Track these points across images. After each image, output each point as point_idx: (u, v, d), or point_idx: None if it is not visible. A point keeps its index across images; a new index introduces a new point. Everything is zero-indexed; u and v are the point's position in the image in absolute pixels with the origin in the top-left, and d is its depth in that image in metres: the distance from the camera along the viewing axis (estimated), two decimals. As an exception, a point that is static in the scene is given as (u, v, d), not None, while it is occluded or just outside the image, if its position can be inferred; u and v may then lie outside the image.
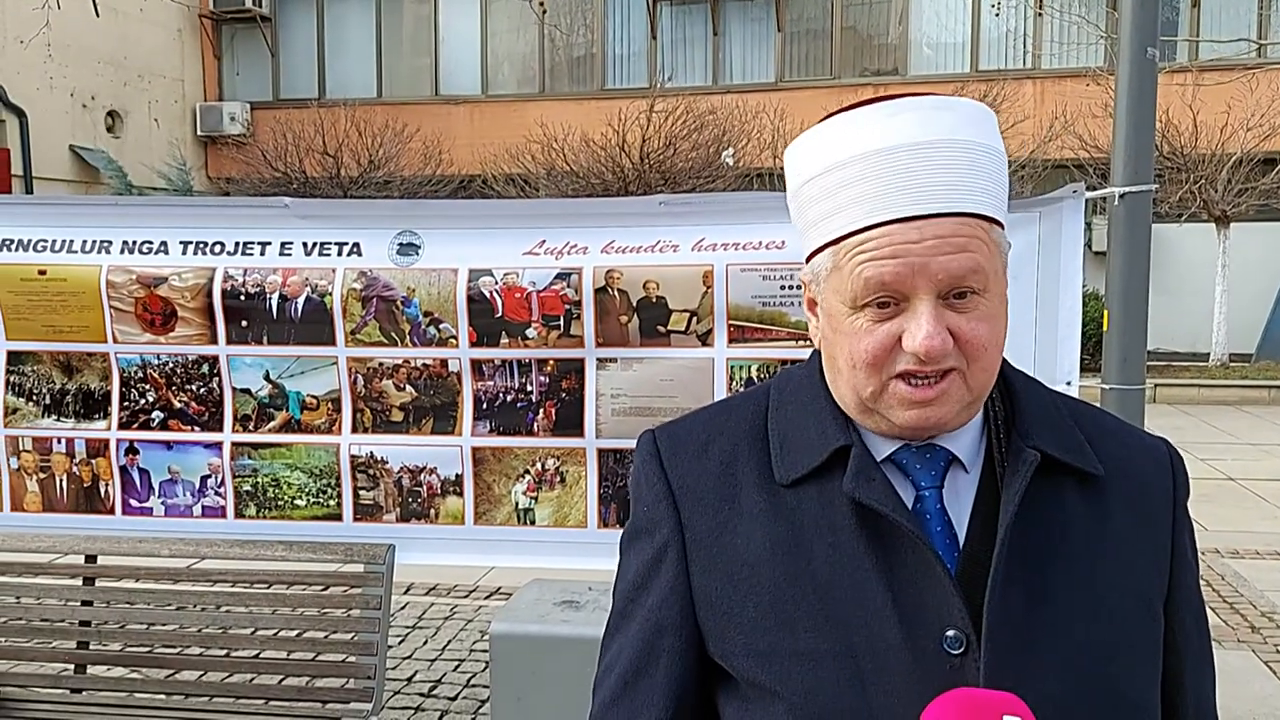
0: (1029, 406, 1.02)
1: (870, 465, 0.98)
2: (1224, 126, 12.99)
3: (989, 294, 0.94)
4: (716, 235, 2.89)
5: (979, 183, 0.94)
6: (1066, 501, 0.99)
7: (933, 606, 0.93)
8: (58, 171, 15.04)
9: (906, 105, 0.96)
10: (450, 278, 2.97)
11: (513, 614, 2.96)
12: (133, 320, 3.09)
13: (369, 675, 2.92)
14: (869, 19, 16.85)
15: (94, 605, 3.16)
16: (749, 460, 1.04)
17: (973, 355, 0.93)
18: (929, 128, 0.94)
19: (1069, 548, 0.98)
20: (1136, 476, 1.04)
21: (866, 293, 0.93)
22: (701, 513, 1.03)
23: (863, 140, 0.95)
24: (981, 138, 0.95)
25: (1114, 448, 1.04)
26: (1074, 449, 1.01)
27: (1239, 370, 13.82)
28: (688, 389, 2.92)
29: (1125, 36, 2.77)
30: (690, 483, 1.05)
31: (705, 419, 1.10)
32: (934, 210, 0.92)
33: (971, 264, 0.92)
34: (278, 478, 3.12)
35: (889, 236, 0.92)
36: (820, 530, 0.98)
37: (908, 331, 0.92)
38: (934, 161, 0.92)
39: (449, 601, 5.47)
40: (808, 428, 1.02)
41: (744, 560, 1.00)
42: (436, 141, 16.29)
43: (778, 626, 0.97)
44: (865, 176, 0.93)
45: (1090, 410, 1.09)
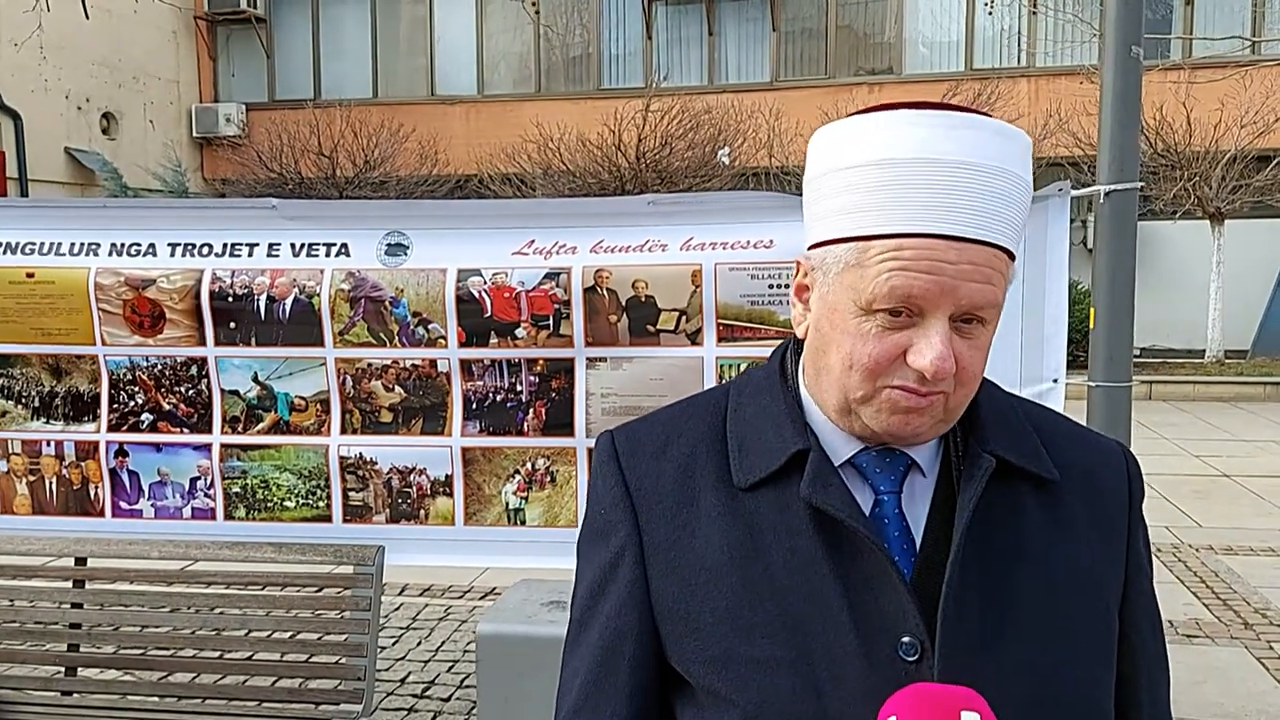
0: (987, 412, 1.02)
1: (828, 470, 0.97)
2: (1218, 124, 13.00)
3: (989, 325, 0.94)
4: (705, 234, 2.89)
5: (1014, 217, 0.93)
6: (1023, 506, 0.99)
7: (888, 613, 0.93)
8: (53, 174, 15.03)
9: (970, 122, 0.93)
10: (439, 278, 2.97)
11: (500, 614, 2.96)
12: (121, 322, 3.09)
13: (359, 677, 2.92)
14: (864, 18, 16.86)
15: (85, 608, 3.16)
16: (707, 463, 1.02)
17: (962, 380, 0.93)
18: (987, 151, 0.92)
19: (1025, 553, 0.97)
20: (1093, 481, 1.04)
21: (889, 300, 0.90)
22: (659, 516, 1.01)
23: (919, 144, 0.91)
24: (1025, 173, 0.95)
25: (1071, 452, 1.04)
26: (1030, 454, 1.01)
27: (1234, 367, 13.83)
28: (677, 388, 2.92)
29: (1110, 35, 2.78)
30: (648, 485, 1.03)
31: (665, 420, 1.09)
32: (977, 236, 0.91)
33: (992, 297, 0.92)
34: (267, 479, 3.12)
35: (929, 250, 0.90)
36: (778, 535, 0.97)
37: (916, 348, 0.90)
38: (986, 187, 0.91)
39: (443, 602, 5.48)
40: (766, 430, 1.01)
41: (701, 565, 0.98)
42: (432, 142, 16.29)
43: (734, 633, 0.96)
44: (914, 183, 0.90)
45: (1047, 415, 1.10)
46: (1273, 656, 4.66)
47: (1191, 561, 6.08)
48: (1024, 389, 2.75)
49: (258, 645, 3.16)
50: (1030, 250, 2.73)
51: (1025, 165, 0.95)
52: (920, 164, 0.90)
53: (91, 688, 3.20)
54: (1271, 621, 5.10)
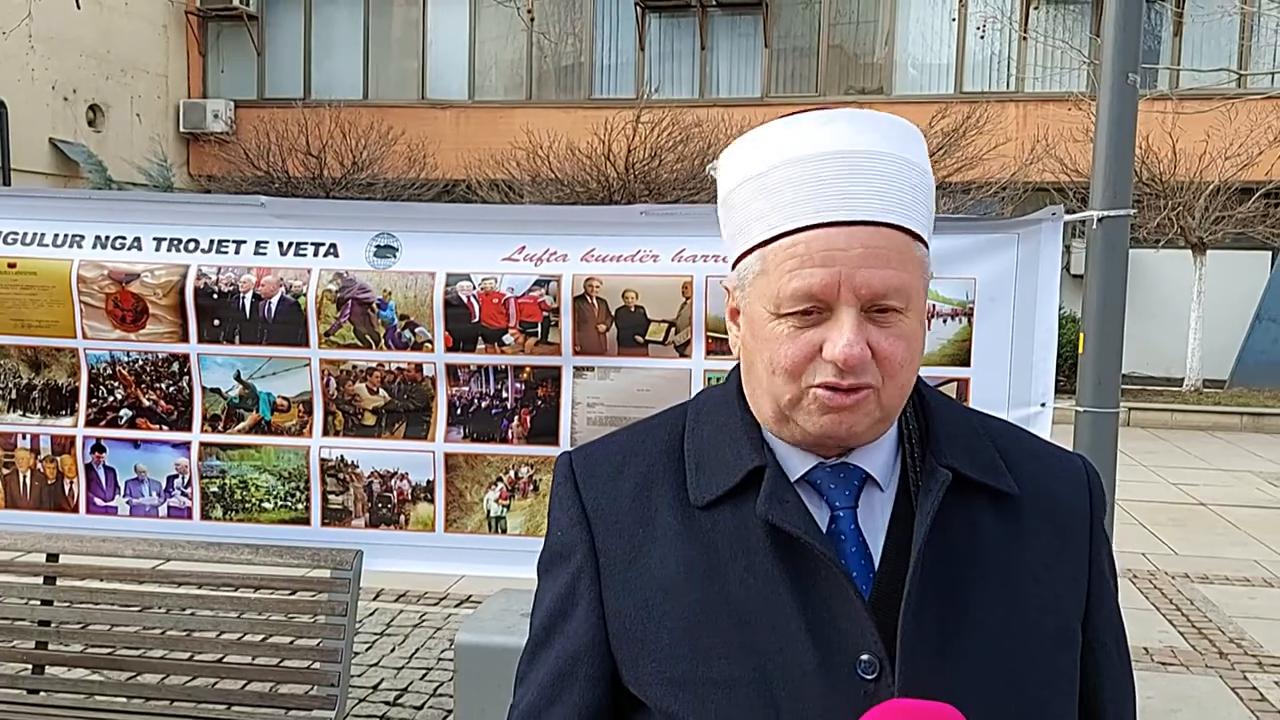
0: (943, 425, 1.01)
1: (784, 487, 0.96)
2: (1203, 154, 13.14)
3: (909, 312, 0.93)
4: (697, 246, 2.88)
5: (907, 197, 0.93)
6: (981, 521, 0.98)
7: (846, 630, 0.92)
8: (37, 164, 14.89)
9: (839, 115, 0.96)
10: (428, 281, 2.94)
11: (479, 624, 2.93)
12: (103, 316, 3.04)
13: (333, 683, 2.88)
14: (855, 38, 16.96)
15: (54, 605, 3.11)
16: (664, 482, 1.01)
17: (888, 372, 0.92)
18: (861, 138, 0.93)
19: (984, 568, 0.96)
20: (1053, 495, 1.03)
21: (793, 300, 0.91)
22: (616, 536, 1.00)
23: (796, 145, 0.94)
24: (911, 155, 0.95)
25: (1030, 466, 1.03)
26: (988, 468, 1.00)
27: (1212, 396, 13.95)
28: (664, 399, 2.88)
29: (1107, 62, 2.79)
30: (605, 505, 1.02)
31: (622, 440, 1.08)
32: (864, 218, 0.91)
33: (895, 281, 0.91)
34: (246, 479, 3.08)
35: (820, 240, 0.91)
36: (735, 553, 0.96)
37: (829, 340, 0.91)
38: (865, 170, 0.92)
39: (418, 609, 5.42)
40: (723, 448, 1.00)
41: (658, 585, 0.97)
42: (421, 145, 16.25)
43: (691, 654, 0.94)
44: (796, 181, 0.93)
45: (1007, 428, 1.09)
46: (1247, 687, 4.68)
47: (1168, 589, 6.10)
48: (1012, 412, 2.74)
49: (229, 648, 3.11)
50: (1022, 274, 2.74)
51: (907, 146, 0.95)
52: (799, 162, 0.93)
53: (59, 687, 3.14)
54: (1247, 651, 5.12)
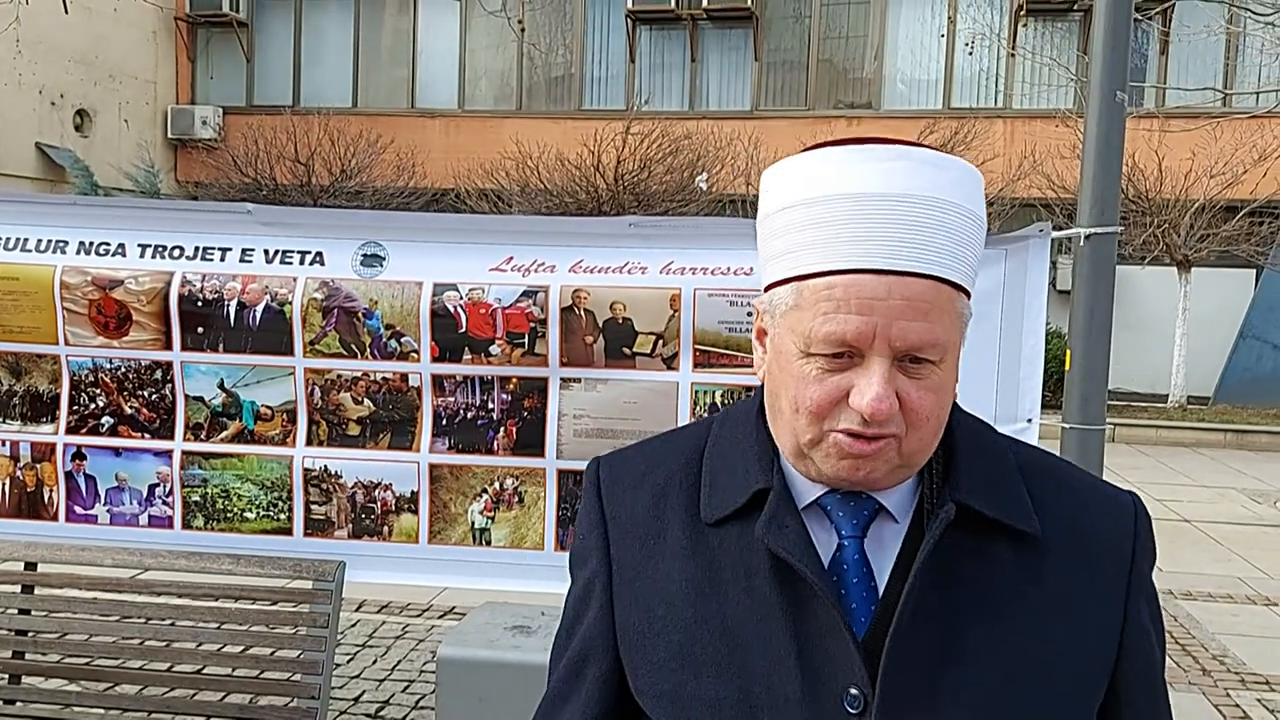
0: (965, 459, 0.97)
1: (786, 511, 0.95)
2: (1188, 172, 13.25)
3: (943, 365, 0.90)
4: (685, 259, 2.87)
5: (955, 249, 0.89)
6: (994, 559, 0.95)
7: (836, 661, 0.91)
8: (23, 169, 14.80)
9: (898, 154, 0.90)
10: (414, 291, 2.92)
11: (462, 638, 2.90)
12: (86, 323, 3.02)
13: (313, 695, 2.85)
14: (845, 53, 17.04)
15: (31, 614, 3.06)
16: (680, 495, 1.02)
17: (914, 423, 0.90)
18: (916, 182, 0.89)
19: (990, 608, 0.93)
20: (1087, 536, 0.98)
21: (824, 344, 0.89)
22: (629, 546, 1.02)
23: (846, 180, 0.89)
24: (967, 202, 0.91)
25: (1067, 503, 0.99)
26: (1006, 504, 0.96)
27: (1196, 413, 14.02)
28: (651, 412, 2.90)
29: (1095, 80, 2.80)
30: (623, 515, 1.04)
31: (649, 450, 1.08)
32: (906, 269, 0.87)
33: (930, 336, 0.88)
34: (228, 489, 3.05)
35: (857, 287, 0.88)
36: (736, 573, 0.96)
37: (857, 389, 0.88)
38: (914, 218, 0.88)
39: (400, 620, 5.38)
40: (736, 467, 1.00)
41: (661, 598, 0.99)
42: (411, 154, 16.23)
43: (683, 668, 0.95)
44: (841, 219, 0.89)
45: (1049, 463, 1.04)
46: (1230, 704, 4.68)
47: (1151, 605, 6.11)
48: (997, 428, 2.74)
49: (208, 659, 3.08)
50: (1009, 290, 2.74)
51: (964, 192, 0.91)
52: (847, 199, 0.89)
53: (35, 696, 3.09)
54: (1230, 669, 5.13)
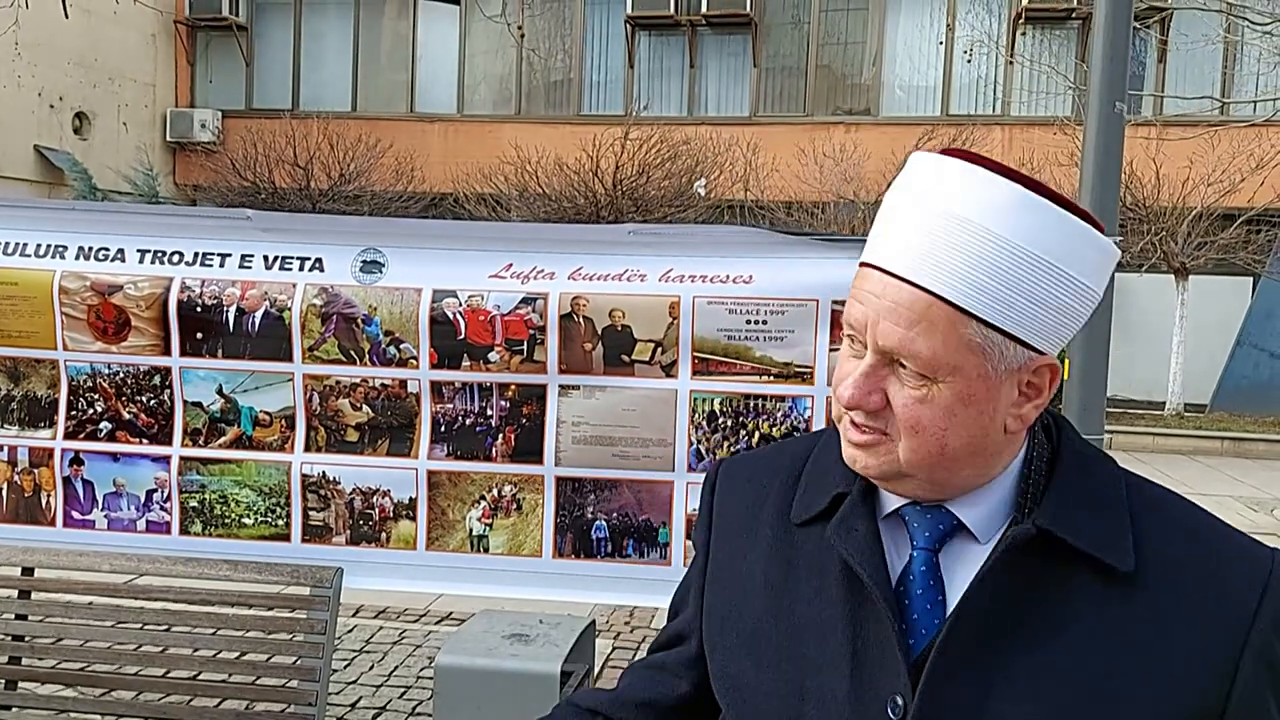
0: (1062, 485, 0.95)
1: (858, 516, 0.98)
2: (1186, 181, 13.28)
3: (942, 384, 0.89)
4: (685, 267, 2.88)
5: (970, 273, 0.86)
6: (1073, 590, 0.92)
7: (886, 668, 0.93)
8: (21, 171, 14.79)
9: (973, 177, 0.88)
10: (413, 297, 2.92)
11: (460, 645, 2.90)
12: (85, 328, 3.01)
13: (310, 702, 2.84)
14: (844, 59, 17.07)
15: (28, 619, 3.05)
16: (778, 496, 1.07)
17: (903, 430, 0.91)
18: (951, 197, 0.88)
19: (1055, 642, 0.90)
20: (1199, 584, 0.92)
21: (845, 327, 0.95)
22: (726, 540, 1.10)
23: (907, 183, 0.93)
24: (1014, 235, 0.86)
25: (1182, 548, 0.94)
26: (1100, 537, 0.92)
27: (1193, 420, 14.04)
28: (650, 419, 2.90)
29: (1094, 90, 2.81)
30: (726, 510, 1.11)
31: (765, 452, 1.16)
32: (897, 272, 0.89)
33: (910, 345, 0.88)
34: (226, 495, 3.05)
35: (867, 280, 0.92)
36: (810, 573, 1.00)
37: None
38: (934, 230, 0.87)
39: (398, 626, 5.38)
40: (829, 471, 1.03)
41: (742, 589, 1.05)
42: (409, 158, 16.24)
43: (747, 657, 1.02)
44: (890, 217, 0.93)
45: (1173, 504, 0.99)
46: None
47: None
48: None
49: (205, 665, 3.07)
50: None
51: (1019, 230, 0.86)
52: (904, 204, 0.92)
53: (31, 702, 3.09)
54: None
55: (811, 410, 2.82)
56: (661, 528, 2.93)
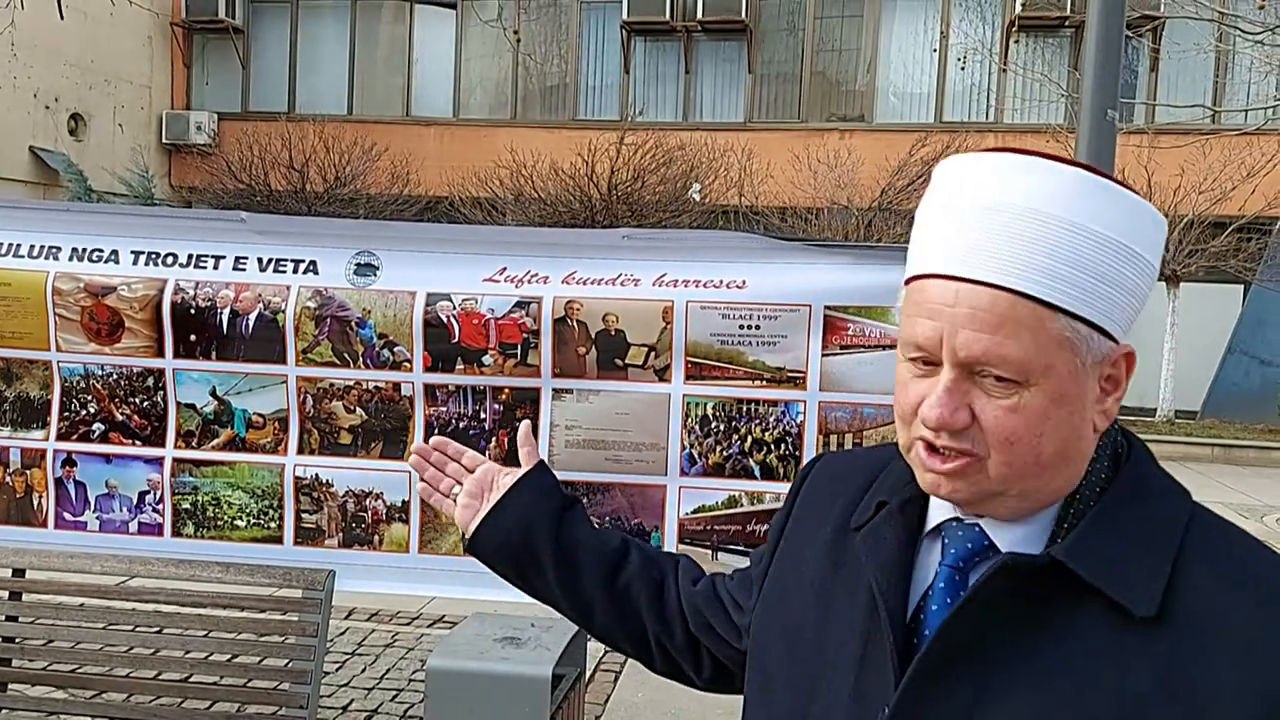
0: (1106, 515, 0.90)
1: (890, 526, 0.98)
2: (1177, 188, 13.33)
3: (1034, 388, 0.84)
4: (678, 271, 2.89)
5: (1050, 264, 0.83)
6: (1081, 626, 0.87)
7: (883, 679, 0.94)
8: (16, 172, 14.76)
9: (1023, 166, 0.86)
10: (407, 300, 2.93)
11: (452, 649, 2.90)
12: (78, 329, 3.01)
13: (302, 705, 2.84)
14: (838, 66, 17.13)
15: (19, 621, 3.05)
16: (847, 500, 1.07)
17: (995, 445, 0.86)
18: (1030, 194, 0.84)
19: (1048, 674, 0.86)
20: (1235, 636, 0.84)
21: (906, 348, 0.90)
22: (794, 536, 1.12)
23: (963, 187, 0.88)
24: (1081, 217, 0.83)
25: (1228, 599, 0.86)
26: (1123, 576, 0.86)
27: (1184, 427, 14.08)
28: (643, 423, 2.91)
29: (1086, 98, 2.83)
30: (805, 507, 1.13)
31: (862, 454, 1.16)
32: (974, 276, 0.84)
33: (998, 350, 0.83)
34: (218, 496, 3.05)
35: (933, 292, 0.87)
36: (849, 578, 1.01)
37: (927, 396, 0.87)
38: (1010, 229, 0.83)
39: (390, 629, 5.37)
40: (892, 479, 1.03)
41: (792, 588, 1.07)
42: (405, 162, 16.24)
43: (783, 649, 1.04)
44: (943, 223, 0.88)
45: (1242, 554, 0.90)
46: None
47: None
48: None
49: (196, 667, 3.07)
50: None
51: (1085, 209, 0.84)
52: (947, 206, 0.89)
53: (21, 704, 3.08)
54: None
55: (804, 415, 2.83)
56: (654, 532, 2.93)
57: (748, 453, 2.87)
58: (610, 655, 5.08)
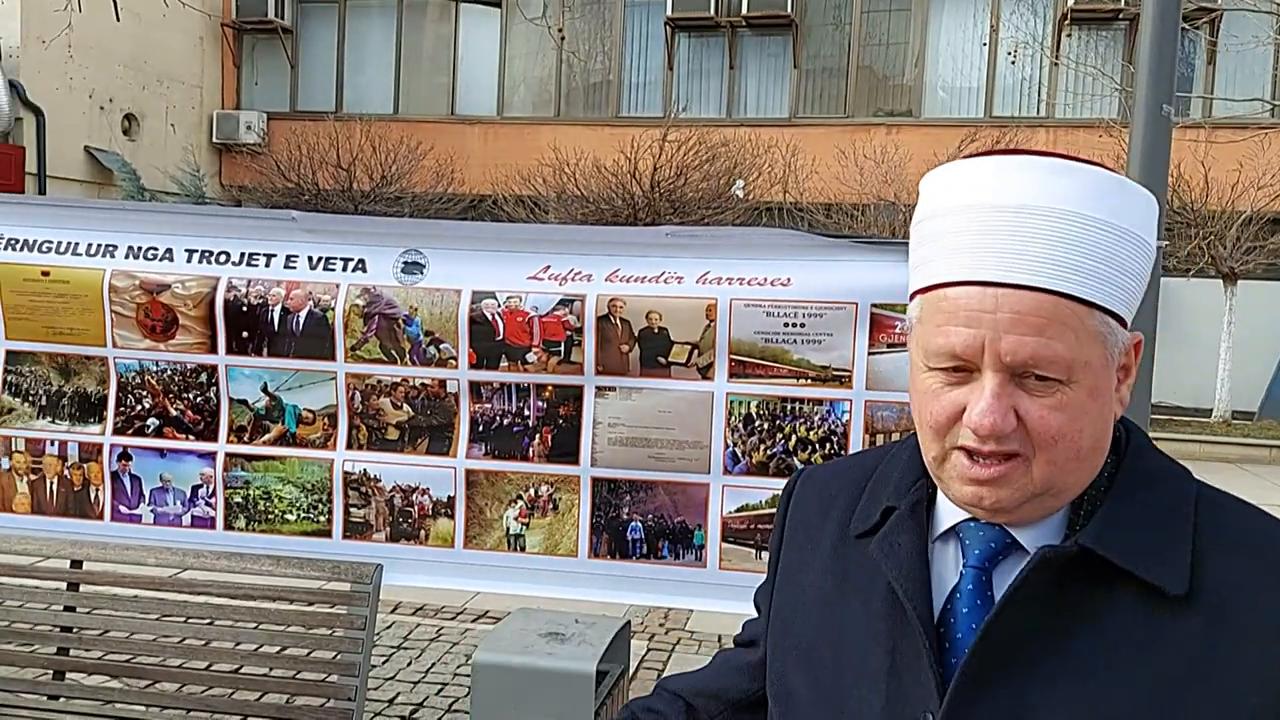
0: (1117, 500, 0.92)
1: (903, 531, 0.97)
2: (1235, 184, 13.02)
3: (1075, 385, 0.86)
4: (722, 269, 2.88)
5: (1084, 262, 0.84)
6: (1118, 613, 0.88)
7: (921, 686, 0.92)
8: (72, 171, 15.10)
9: (1027, 164, 0.87)
10: (453, 298, 2.96)
11: (497, 643, 2.92)
12: (133, 326, 3.08)
13: (349, 697, 2.88)
14: (885, 60, 16.95)
15: (76, 611, 3.13)
16: (843, 507, 1.06)
17: (1041, 444, 0.86)
18: (1049, 193, 0.85)
19: (1095, 663, 0.87)
20: (1260, 608, 0.87)
21: (937, 357, 0.89)
22: (793, 550, 1.10)
23: (973, 191, 0.88)
24: (1104, 214, 0.85)
25: (1248, 571, 0.89)
26: (1151, 556, 0.88)
27: (1241, 428, 13.77)
28: (686, 421, 2.90)
29: (1141, 93, 2.77)
30: (798, 519, 1.12)
31: (846, 462, 1.15)
32: (1015, 281, 0.84)
33: (1046, 351, 0.84)
34: (269, 491, 3.10)
35: (965, 300, 0.86)
36: (860, 586, 1.00)
37: (970, 403, 0.87)
38: (1038, 229, 0.84)
39: (435, 623, 5.43)
40: (889, 484, 1.02)
41: (801, 601, 1.06)
42: (450, 160, 16.37)
43: (801, 670, 1.02)
44: (962, 230, 0.87)
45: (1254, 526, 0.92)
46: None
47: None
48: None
49: (246, 658, 3.12)
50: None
51: (1103, 203, 0.86)
52: (969, 210, 0.88)
53: (78, 692, 3.16)
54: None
55: (849, 414, 2.81)
56: (697, 530, 2.93)
57: (792, 451, 2.85)
58: (654, 653, 5.08)
